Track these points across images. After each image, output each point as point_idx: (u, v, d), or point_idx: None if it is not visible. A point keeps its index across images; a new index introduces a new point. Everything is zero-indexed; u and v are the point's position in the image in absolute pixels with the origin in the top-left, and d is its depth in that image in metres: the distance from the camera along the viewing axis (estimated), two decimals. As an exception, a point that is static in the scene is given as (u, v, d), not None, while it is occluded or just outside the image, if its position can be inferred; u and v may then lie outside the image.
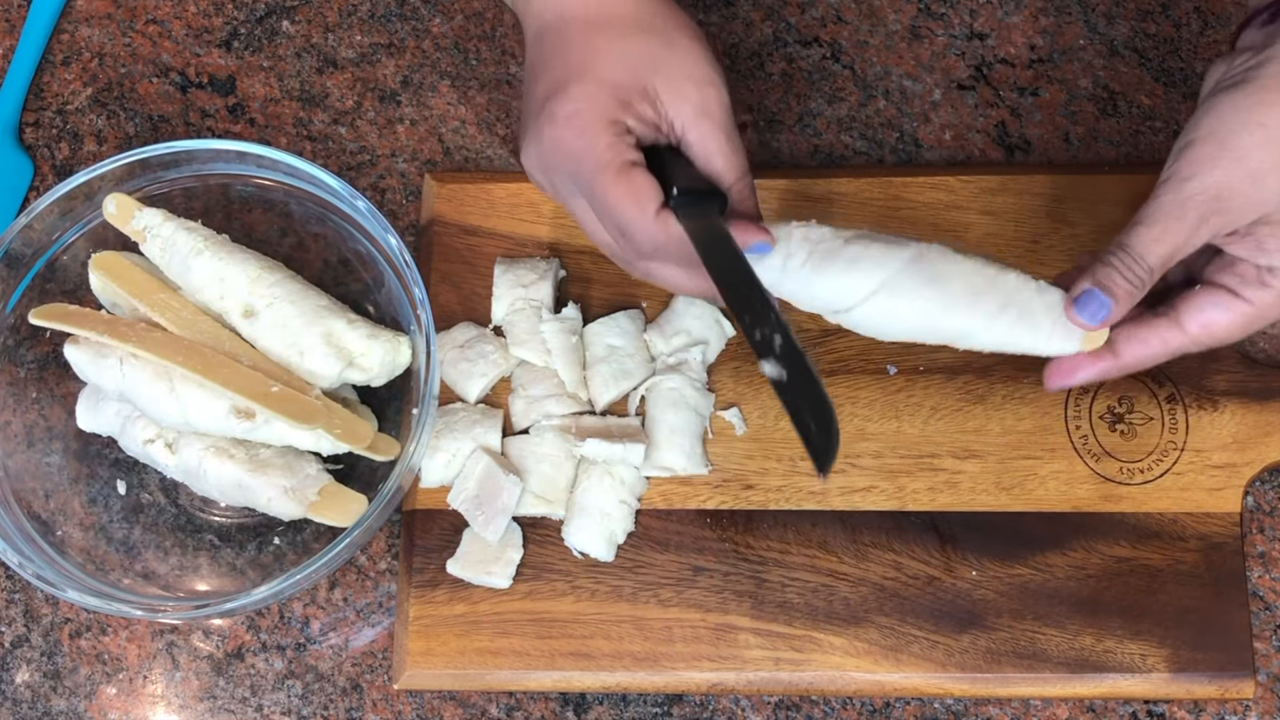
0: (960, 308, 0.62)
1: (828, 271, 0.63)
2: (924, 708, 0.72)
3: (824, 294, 0.63)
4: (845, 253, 0.63)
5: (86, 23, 0.87)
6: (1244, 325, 0.63)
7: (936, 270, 0.63)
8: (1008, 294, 0.63)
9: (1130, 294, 0.61)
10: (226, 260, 0.72)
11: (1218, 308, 0.62)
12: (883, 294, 0.62)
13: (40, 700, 0.74)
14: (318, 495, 0.71)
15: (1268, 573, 0.74)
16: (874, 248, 0.63)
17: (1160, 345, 0.63)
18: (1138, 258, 0.61)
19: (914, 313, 0.63)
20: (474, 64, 0.85)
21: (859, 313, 0.63)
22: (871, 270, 0.62)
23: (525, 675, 0.72)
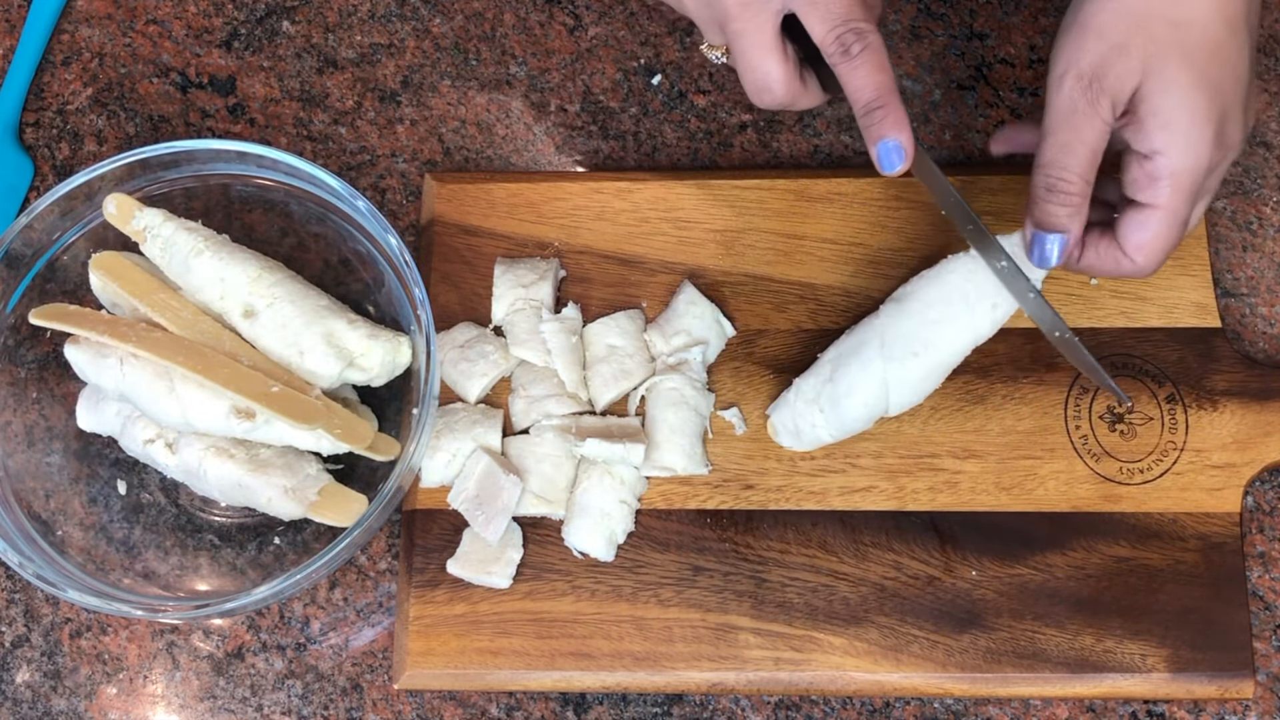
0: (944, 335, 0.68)
1: (844, 412, 0.70)
2: (924, 708, 0.72)
3: (857, 424, 0.71)
4: (839, 388, 0.70)
5: (87, 23, 0.87)
6: (1169, 228, 0.64)
7: (900, 333, 0.69)
8: (958, 287, 0.67)
9: (1074, 213, 0.64)
10: (227, 260, 0.72)
11: (1137, 227, 0.64)
12: (892, 390, 0.69)
13: (40, 700, 0.74)
14: (318, 495, 0.71)
15: (1267, 573, 0.74)
16: (851, 365, 0.70)
17: (1114, 266, 0.66)
18: (1060, 171, 0.63)
19: (923, 368, 0.69)
20: (474, 64, 0.85)
21: (895, 409, 0.70)
22: (864, 386, 0.69)
23: (525, 675, 0.72)
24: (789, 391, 0.72)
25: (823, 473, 0.74)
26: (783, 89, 0.67)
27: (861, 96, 0.65)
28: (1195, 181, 0.63)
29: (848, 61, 0.65)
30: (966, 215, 0.67)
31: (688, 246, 0.78)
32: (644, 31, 0.85)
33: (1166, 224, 0.64)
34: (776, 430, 0.74)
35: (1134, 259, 0.65)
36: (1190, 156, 0.62)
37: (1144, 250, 0.65)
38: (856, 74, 0.65)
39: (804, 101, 0.68)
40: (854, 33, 0.64)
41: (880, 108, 0.65)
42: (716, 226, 0.79)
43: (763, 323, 0.77)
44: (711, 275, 0.78)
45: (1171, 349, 0.75)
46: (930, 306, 0.68)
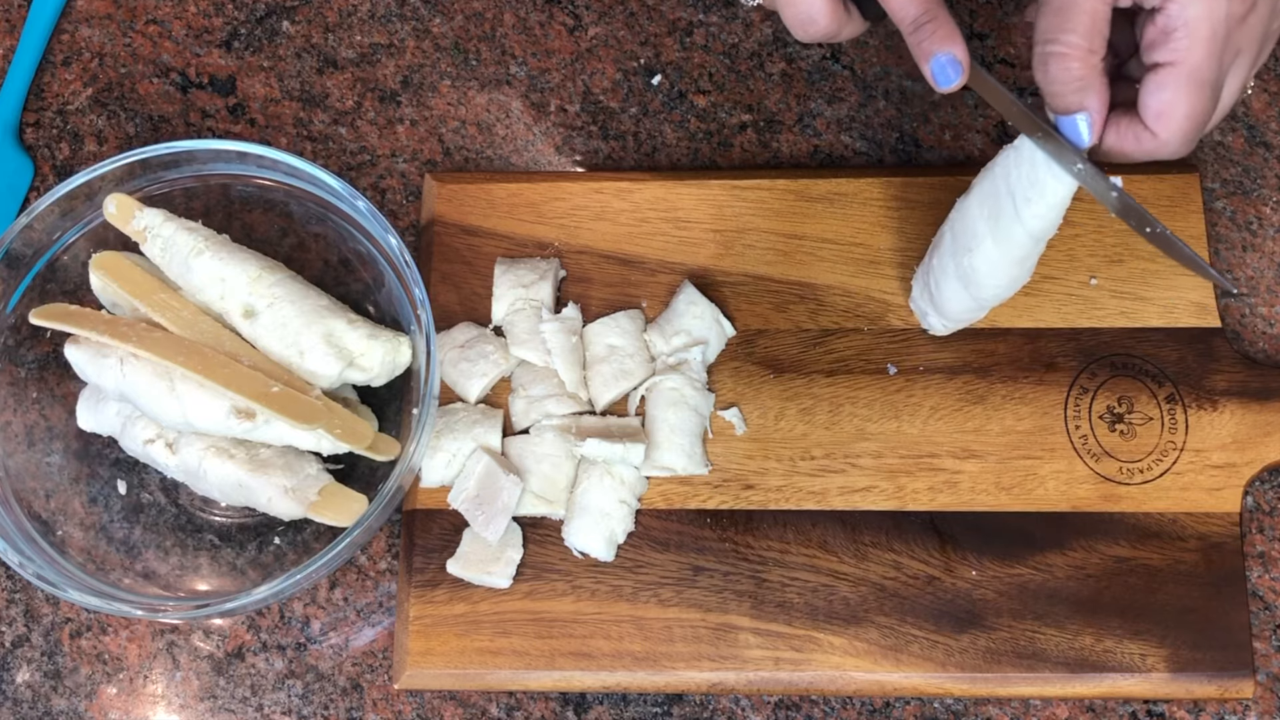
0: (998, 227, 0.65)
1: (941, 305, 0.71)
2: (924, 707, 0.72)
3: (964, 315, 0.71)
4: (932, 279, 0.70)
5: (87, 23, 0.87)
6: (1190, 90, 0.58)
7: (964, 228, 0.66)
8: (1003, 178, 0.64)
9: (1081, 85, 0.59)
10: (227, 260, 0.72)
11: (1155, 89, 0.59)
12: (972, 280, 0.67)
13: (41, 700, 0.74)
14: (318, 495, 0.71)
15: (1267, 573, 0.74)
16: (938, 255, 0.69)
17: (1135, 145, 0.61)
18: (1055, 37, 0.58)
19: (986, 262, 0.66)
20: (474, 64, 0.85)
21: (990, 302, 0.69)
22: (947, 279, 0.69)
23: (525, 675, 0.72)
24: (912, 281, 0.74)
25: (823, 473, 0.74)
26: (827, 19, 0.63)
27: (909, 12, 0.62)
28: (1216, 30, 0.57)
29: None
30: (1031, 121, 0.62)
31: (688, 246, 0.78)
32: (644, 31, 0.85)
33: (1188, 83, 0.58)
34: (919, 317, 0.75)
35: (1155, 131, 0.59)
36: (1202, 3, 0.57)
37: (1165, 119, 0.59)
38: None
39: (848, 31, 0.65)
40: None
41: (930, 20, 0.61)
42: (716, 226, 0.79)
43: (763, 323, 0.77)
44: (711, 275, 0.78)
45: (1171, 349, 0.75)
46: (983, 202, 0.65)
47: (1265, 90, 0.82)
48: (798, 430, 0.75)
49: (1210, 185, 0.80)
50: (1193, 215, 0.77)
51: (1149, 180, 0.78)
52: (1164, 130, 0.59)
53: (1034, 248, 0.65)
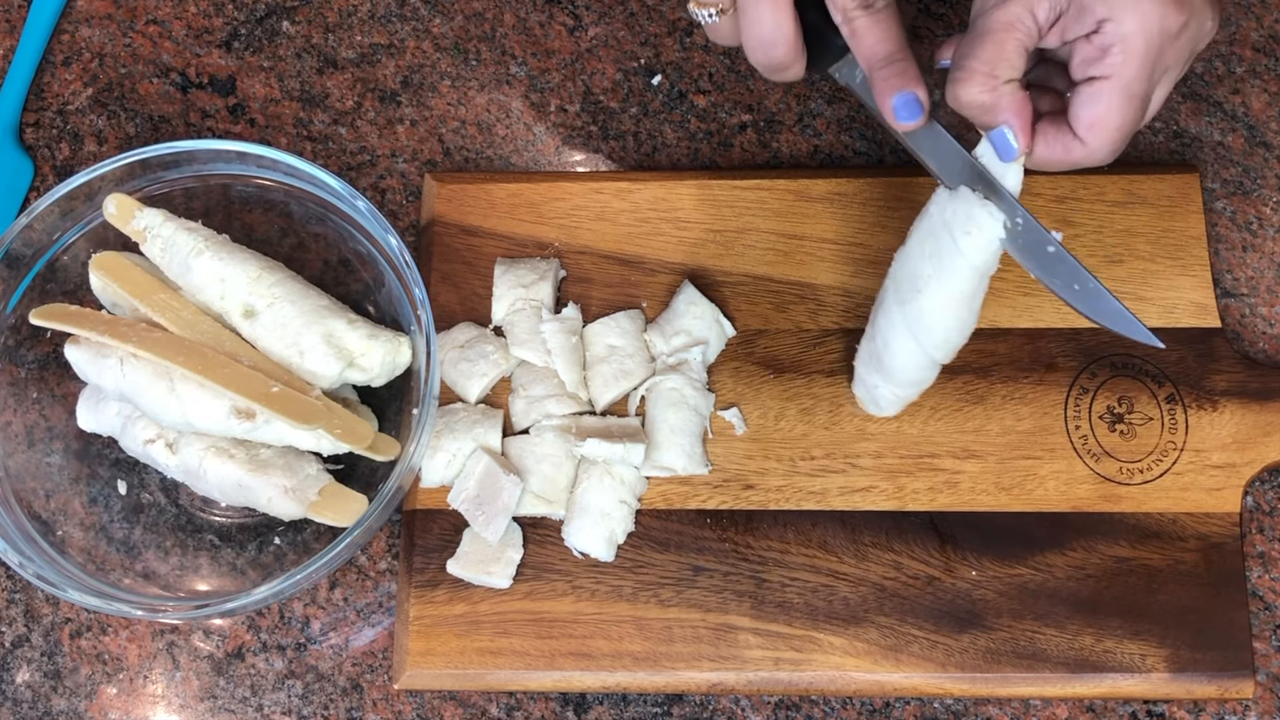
0: (941, 265, 0.65)
1: (890, 368, 0.69)
2: (924, 708, 0.72)
3: (907, 373, 0.69)
4: (877, 345, 0.69)
5: (87, 23, 0.87)
6: (1121, 103, 0.60)
7: (906, 274, 0.66)
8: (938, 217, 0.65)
9: (986, 108, 0.61)
10: (227, 260, 0.72)
11: (1088, 102, 0.61)
12: (916, 332, 0.66)
13: (41, 700, 0.74)
14: (318, 495, 0.71)
15: (1267, 573, 0.74)
16: (879, 320, 0.68)
17: (1064, 153, 0.62)
18: (957, 69, 0.61)
19: (933, 303, 0.65)
20: (474, 64, 0.85)
21: (936, 353, 0.67)
22: (893, 337, 0.67)
23: (525, 675, 0.72)
24: (855, 360, 0.72)
25: (823, 473, 0.74)
26: (787, 47, 0.65)
27: (880, 50, 0.63)
28: (1150, 47, 0.59)
29: (869, 15, 0.63)
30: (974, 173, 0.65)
31: (688, 246, 0.78)
32: (644, 31, 0.85)
33: (1120, 96, 0.60)
34: (863, 403, 0.74)
35: (1085, 140, 0.61)
36: (1141, 17, 0.59)
37: (1096, 129, 0.61)
38: (877, 28, 0.63)
39: (794, 70, 0.66)
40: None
41: (899, 60, 0.63)
42: (716, 226, 0.79)
43: (763, 323, 0.77)
44: (711, 275, 0.78)
45: (1171, 349, 0.75)
46: (923, 242, 0.66)
47: (1265, 90, 0.82)
48: (798, 430, 0.75)
49: (1210, 185, 0.80)
50: (1193, 215, 0.78)
51: (1149, 180, 0.78)
52: (1095, 140, 0.61)
53: (979, 283, 0.65)
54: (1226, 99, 0.82)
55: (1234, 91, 0.82)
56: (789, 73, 0.67)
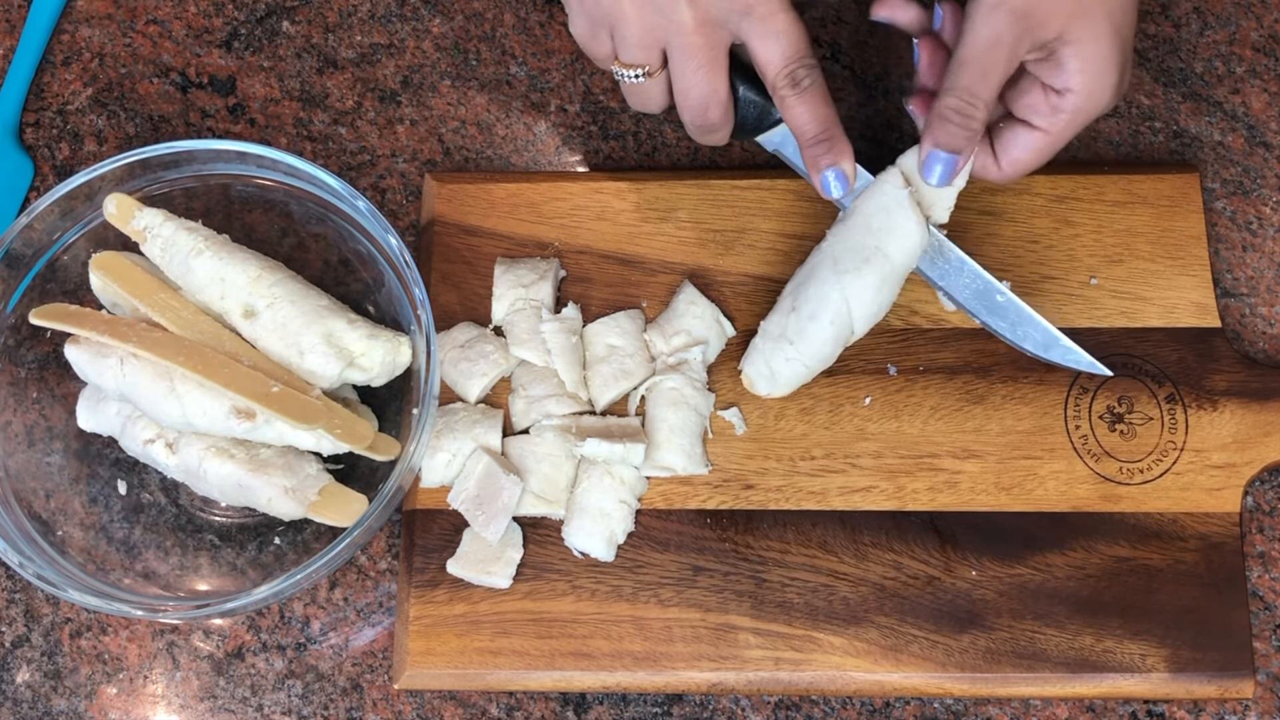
0: (891, 240, 0.69)
1: (811, 337, 0.71)
2: (924, 708, 0.72)
3: (825, 347, 0.71)
4: (803, 314, 0.70)
5: (87, 23, 0.87)
6: (1047, 152, 0.69)
7: (849, 246, 0.70)
8: (893, 195, 0.69)
9: (971, 138, 0.67)
10: (227, 260, 0.72)
11: (1022, 147, 0.68)
12: (853, 303, 0.70)
13: (41, 700, 0.74)
14: (318, 495, 0.71)
15: (1267, 573, 0.74)
16: (809, 289, 0.70)
17: (979, 170, 0.70)
18: (974, 98, 0.65)
19: (877, 275, 0.69)
20: (474, 64, 0.85)
21: (859, 325, 0.71)
22: (825, 305, 0.70)
23: (525, 675, 0.72)
24: (755, 339, 0.73)
25: (823, 473, 0.74)
26: (720, 110, 0.70)
27: (810, 129, 0.69)
28: (1089, 119, 0.67)
29: (797, 94, 0.68)
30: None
31: (688, 246, 0.78)
32: (644, 31, 0.85)
33: (1049, 149, 0.68)
34: (754, 382, 0.74)
35: (1003, 169, 0.69)
36: (1096, 99, 0.67)
37: (1017, 165, 0.69)
38: (804, 106, 0.68)
39: (723, 133, 0.71)
40: (805, 67, 0.68)
41: (827, 139, 0.69)
42: (716, 226, 0.79)
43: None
44: (711, 275, 0.78)
45: (1171, 349, 0.75)
46: (872, 216, 0.69)
47: (1265, 90, 0.82)
48: (798, 430, 0.75)
49: (1210, 185, 0.80)
50: (1193, 215, 0.78)
51: (1149, 180, 0.78)
52: (1010, 171, 0.69)
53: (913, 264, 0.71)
54: (1226, 99, 0.82)
55: (1234, 91, 0.82)
56: (718, 135, 0.72)
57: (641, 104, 0.72)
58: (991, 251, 0.77)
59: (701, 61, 0.68)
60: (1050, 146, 0.68)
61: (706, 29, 0.67)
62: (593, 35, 0.70)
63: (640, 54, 0.68)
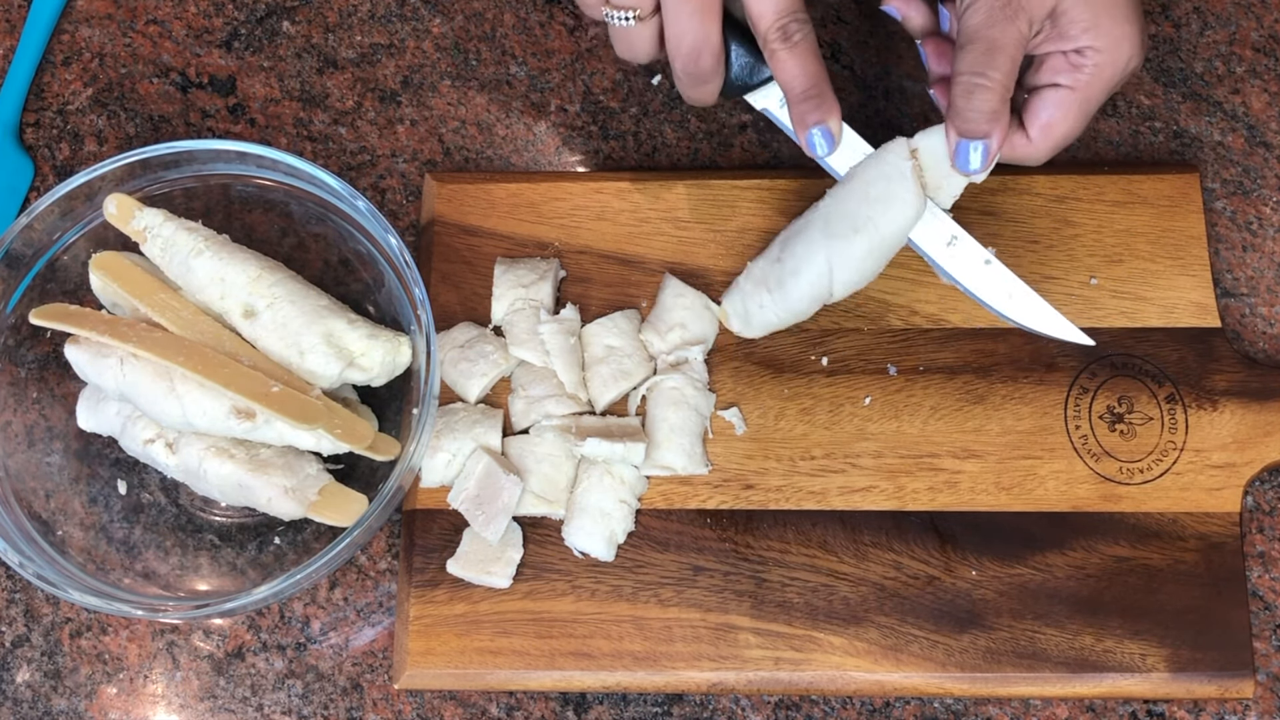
0: (886, 212, 0.68)
1: (789, 292, 0.70)
2: (924, 707, 0.72)
3: (801, 303, 0.71)
4: (785, 267, 0.70)
5: (87, 23, 0.87)
6: (1078, 113, 0.67)
7: (843, 211, 0.69)
8: (896, 165, 0.69)
9: (995, 116, 0.65)
10: (227, 260, 0.72)
11: (1050, 105, 0.67)
12: (836, 268, 0.69)
13: (41, 700, 0.74)
14: (318, 495, 0.71)
15: (1267, 573, 0.74)
16: (797, 245, 0.70)
17: (1008, 149, 0.68)
18: (982, 72, 0.64)
19: (865, 245, 0.69)
20: (474, 64, 0.85)
21: (839, 290, 0.70)
22: (809, 265, 0.69)
23: (525, 675, 0.72)
24: (739, 277, 0.73)
25: (823, 473, 0.74)
26: (714, 57, 0.68)
27: (798, 84, 0.68)
28: (1115, 76, 0.66)
29: (788, 47, 0.67)
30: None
31: (688, 246, 0.78)
32: (644, 31, 0.85)
33: (1077, 108, 0.66)
34: (728, 316, 0.74)
35: (1033, 138, 0.67)
36: (1115, 53, 0.66)
37: (1048, 131, 0.67)
38: (794, 60, 0.67)
39: (714, 85, 0.70)
40: (797, 21, 0.66)
41: (815, 95, 0.68)
42: (716, 226, 0.79)
43: (763, 323, 0.77)
44: (711, 275, 0.78)
45: (1171, 349, 0.75)
46: (871, 184, 0.69)
47: (1265, 90, 0.82)
48: (798, 430, 0.75)
49: (1210, 185, 0.80)
50: (1193, 215, 0.78)
51: (1149, 180, 0.78)
52: (1042, 141, 0.67)
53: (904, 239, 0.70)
54: (1226, 99, 0.82)
55: (1234, 91, 0.82)
56: (708, 87, 0.70)
57: (628, 50, 0.70)
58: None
59: (696, 7, 0.66)
60: (1079, 105, 0.66)
61: None
62: None
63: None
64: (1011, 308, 0.70)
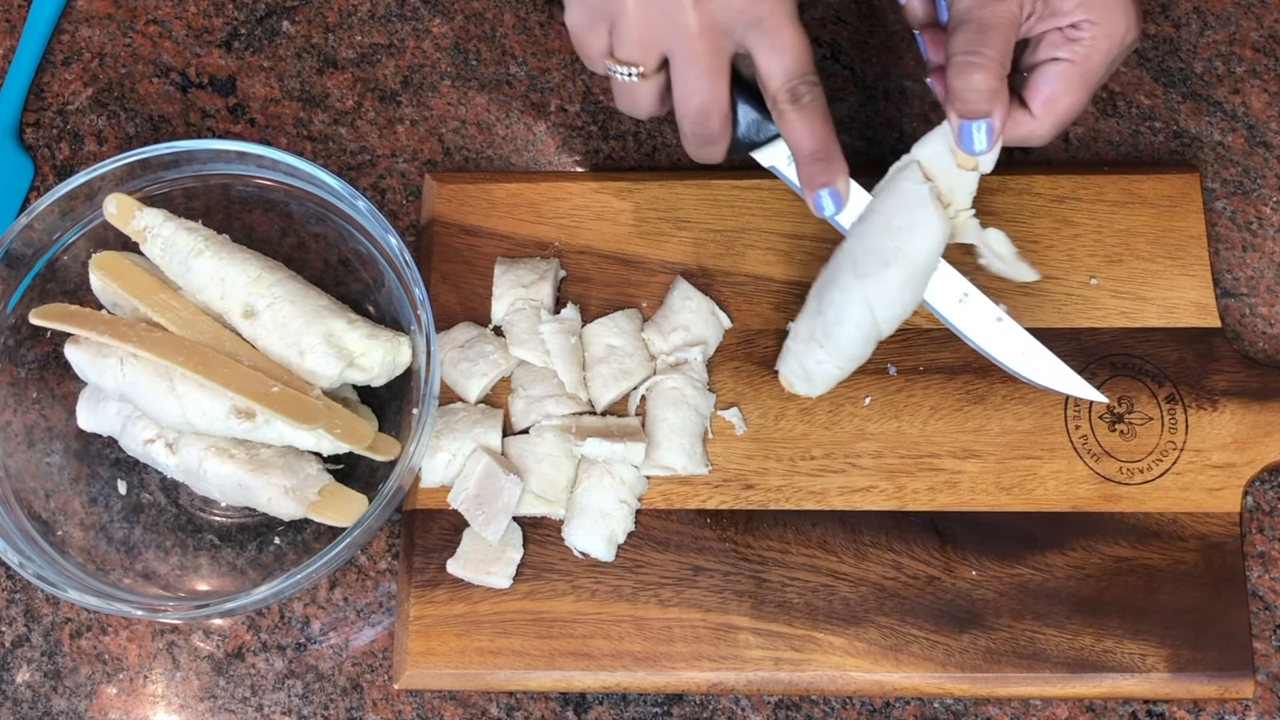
0: (912, 239, 0.68)
1: (839, 340, 0.69)
2: (924, 707, 0.72)
3: (856, 348, 0.70)
4: (828, 318, 0.69)
5: (87, 23, 0.87)
6: (1080, 85, 0.66)
7: (868, 248, 0.68)
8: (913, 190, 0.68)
9: (993, 93, 0.65)
10: (227, 260, 0.72)
11: (1051, 79, 0.66)
12: (876, 306, 0.68)
13: (41, 700, 0.74)
14: (318, 495, 0.71)
15: (1267, 573, 0.74)
16: (833, 292, 0.69)
17: (1011, 126, 0.67)
18: (974, 49, 0.64)
19: (899, 276, 0.68)
20: (474, 64, 0.85)
21: (886, 327, 0.69)
22: (849, 310, 0.69)
23: (525, 675, 0.72)
24: (788, 340, 0.72)
25: (823, 473, 0.74)
26: (722, 119, 0.68)
27: (806, 145, 0.68)
28: (1113, 50, 0.66)
29: (797, 109, 0.67)
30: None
31: (688, 246, 0.78)
32: (644, 31, 0.85)
33: (1079, 80, 0.66)
34: (790, 382, 0.73)
35: (1036, 114, 0.66)
36: (1111, 25, 0.65)
37: (1050, 105, 0.66)
38: (803, 122, 0.67)
39: (721, 145, 0.70)
40: (807, 84, 0.67)
41: (824, 158, 0.68)
42: (716, 226, 0.79)
43: (763, 322, 0.77)
44: (711, 275, 0.78)
45: (1171, 349, 0.75)
46: (892, 216, 0.68)
47: (1265, 90, 0.82)
48: (798, 430, 0.75)
49: (1210, 185, 0.80)
50: (1193, 215, 0.78)
51: (1149, 180, 0.78)
52: (1046, 116, 0.66)
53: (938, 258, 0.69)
54: (1226, 99, 0.82)
55: (1234, 91, 0.82)
56: (716, 147, 0.70)
57: (629, 105, 0.70)
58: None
59: (704, 68, 0.66)
60: (1080, 78, 0.66)
61: (711, 35, 0.66)
62: (590, 27, 0.68)
63: (638, 52, 0.67)
64: (1025, 365, 0.70)
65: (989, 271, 0.71)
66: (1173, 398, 0.75)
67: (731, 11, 0.65)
